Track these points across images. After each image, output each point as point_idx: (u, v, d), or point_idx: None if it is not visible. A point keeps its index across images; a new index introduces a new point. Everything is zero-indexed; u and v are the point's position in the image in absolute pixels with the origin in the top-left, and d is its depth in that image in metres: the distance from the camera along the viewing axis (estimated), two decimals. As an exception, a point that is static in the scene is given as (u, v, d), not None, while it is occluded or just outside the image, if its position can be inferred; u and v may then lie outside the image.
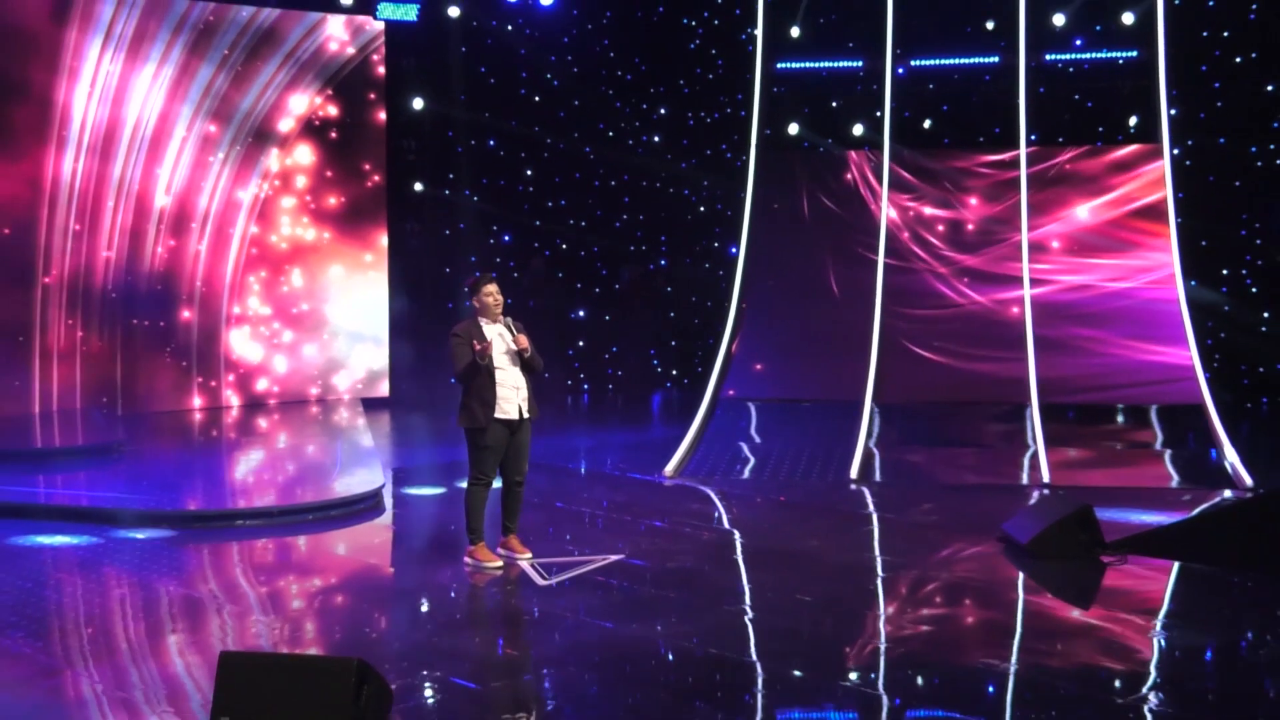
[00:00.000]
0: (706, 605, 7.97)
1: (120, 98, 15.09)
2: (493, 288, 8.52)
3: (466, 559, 8.67)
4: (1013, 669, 6.89)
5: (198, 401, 15.72)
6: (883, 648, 7.37)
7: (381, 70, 16.74)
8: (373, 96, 16.81)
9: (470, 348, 8.38)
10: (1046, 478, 12.07)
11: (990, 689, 6.66)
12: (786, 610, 8.00)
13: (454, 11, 16.43)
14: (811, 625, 7.80)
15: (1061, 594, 8.62)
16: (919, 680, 6.77)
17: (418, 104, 16.89)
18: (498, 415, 8.43)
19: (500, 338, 8.49)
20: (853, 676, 6.75)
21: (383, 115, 16.93)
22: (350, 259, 16.48)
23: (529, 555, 8.82)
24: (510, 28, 16.82)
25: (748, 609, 8.15)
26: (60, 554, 9.55)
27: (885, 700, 6.45)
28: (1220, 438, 12.79)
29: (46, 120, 14.61)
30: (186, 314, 15.64)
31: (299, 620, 8.01)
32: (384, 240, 16.75)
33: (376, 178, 16.85)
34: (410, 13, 15.90)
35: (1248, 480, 11.57)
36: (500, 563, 8.65)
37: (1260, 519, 10.88)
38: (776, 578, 8.92)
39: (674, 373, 17.39)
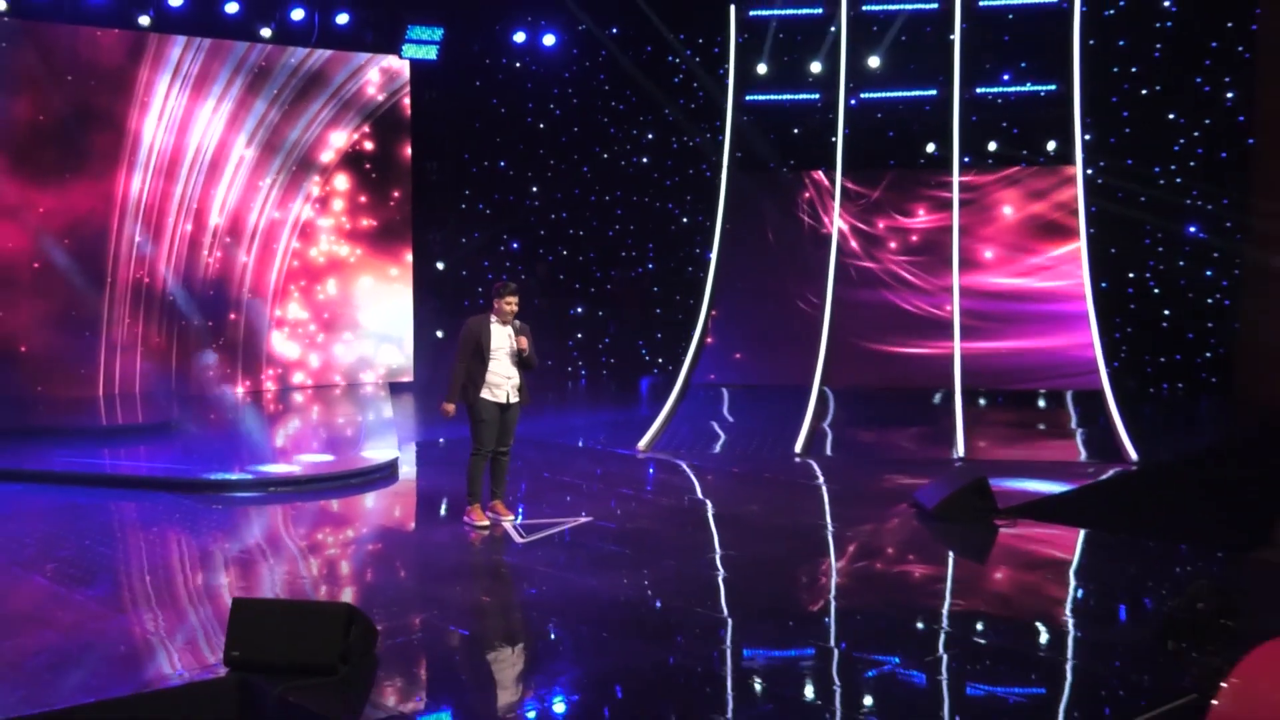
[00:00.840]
0: (655, 560, 8.25)
1: (185, 127, 15.26)
2: (513, 299, 8.70)
3: (465, 519, 8.94)
4: (911, 613, 7.13)
5: (240, 390, 15.74)
6: (801, 595, 7.69)
7: (409, 111, 16.72)
8: (402, 134, 16.83)
9: (475, 341, 8.65)
10: (961, 452, 12.17)
11: (888, 629, 6.87)
12: (722, 564, 8.32)
13: (469, 51, 16.54)
14: (741, 576, 7.97)
15: (958, 552, 8.78)
16: (828, 622, 7.11)
17: (438, 131, 16.91)
18: (484, 395, 8.65)
19: (508, 338, 8.68)
20: (772, 620, 6.99)
21: (410, 150, 16.89)
22: (379, 272, 16.64)
23: (512, 517, 9.13)
24: (518, 64, 16.91)
25: (690, 563, 8.25)
26: (119, 516, 9.65)
27: (797, 637, 6.80)
28: (1114, 419, 12.80)
29: (120, 145, 14.83)
30: (233, 316, 15.76)
31: (310, 571, 8.23)
32: (409, 257, 16.83)
33: (404, 205, 16.90)
34: (431, 52, 16.04)
35: (1133, 455, 11.73)
36: (487, 523, 8.90)
37: (1139, 489, 11.34)
38: (717, 536, 9.15)
39: (660, 361, 17.44)
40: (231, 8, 14.33)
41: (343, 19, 15.13)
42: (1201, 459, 12.90)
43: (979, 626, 6.91)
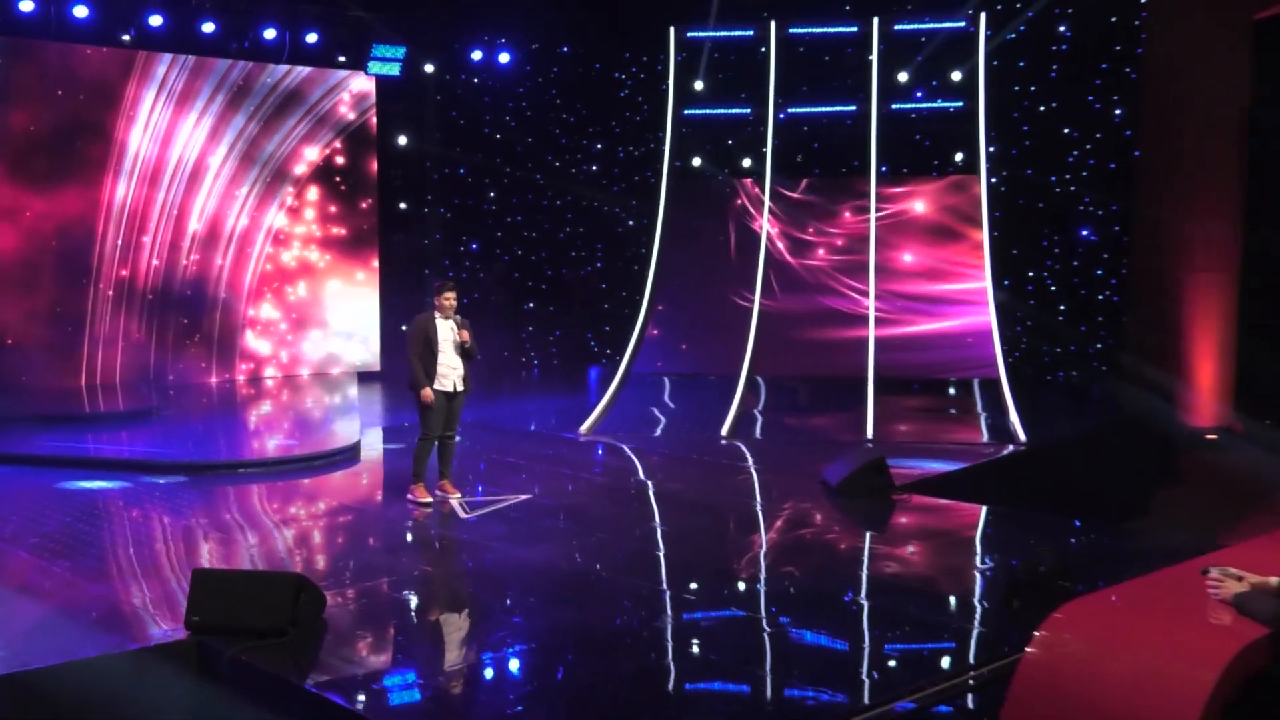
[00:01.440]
0: (586, 532, 8.41)
1: (168, 138, 15.17)
2: (451, 295, 8.77)
3: (408, 496, 9.01)
4: (802, 578, 7.36)
5: (214, 380, 15.63)
6: (712, 563, 7.79)
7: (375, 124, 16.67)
8: (371, 148, 16.74)
9: (423, 335, 8.73)
10: (870, 434, 12.28)
11: (790, 591, 7.12)
12: (645, 536, 8.50)
13: (429, 68, 16.48)
14: (662, 547, 8.23)
15: (855, 524, 9.00)
16: (740, 586, 7.33)
17: (402, 141, 16.91)
18: (436, 386, 8.73)
19: (451, 330, 8.74)
20: (691, 585, 7.20)
21: (388, 173, 16.88)
22: (347, 275, 16.58)
23: (459, 495, 9.16)
24: (476, 80, 16.90)
25: (617, 536, 8.35)
26: (99, 495, 9.55)
27: (709, 600, 7.01)
28: (1008, 405, 12.99)
29: (108, 154, 14.74)
30: (211, 314, 15.71)
31: (269, 544, 8.25)
32: (375, 263, 16.75)
33: (371, 215, 16.82)
34: (395, 69, 16.02)
35: (1022, 437, 11.94)
36: (431, 500, 8.96)
37: (1027, 467, 11.61)
38: (643, 511, 9.37)
39: (608, 352, 17.36)
40: (208, 27, 14.30)
41: (312, 38, 15.09)
42: (1087, 439, 13.16)
43: (863, 589, 7.15)
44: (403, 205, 17.04)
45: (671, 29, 15.98)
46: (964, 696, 5.21)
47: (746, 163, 16.35)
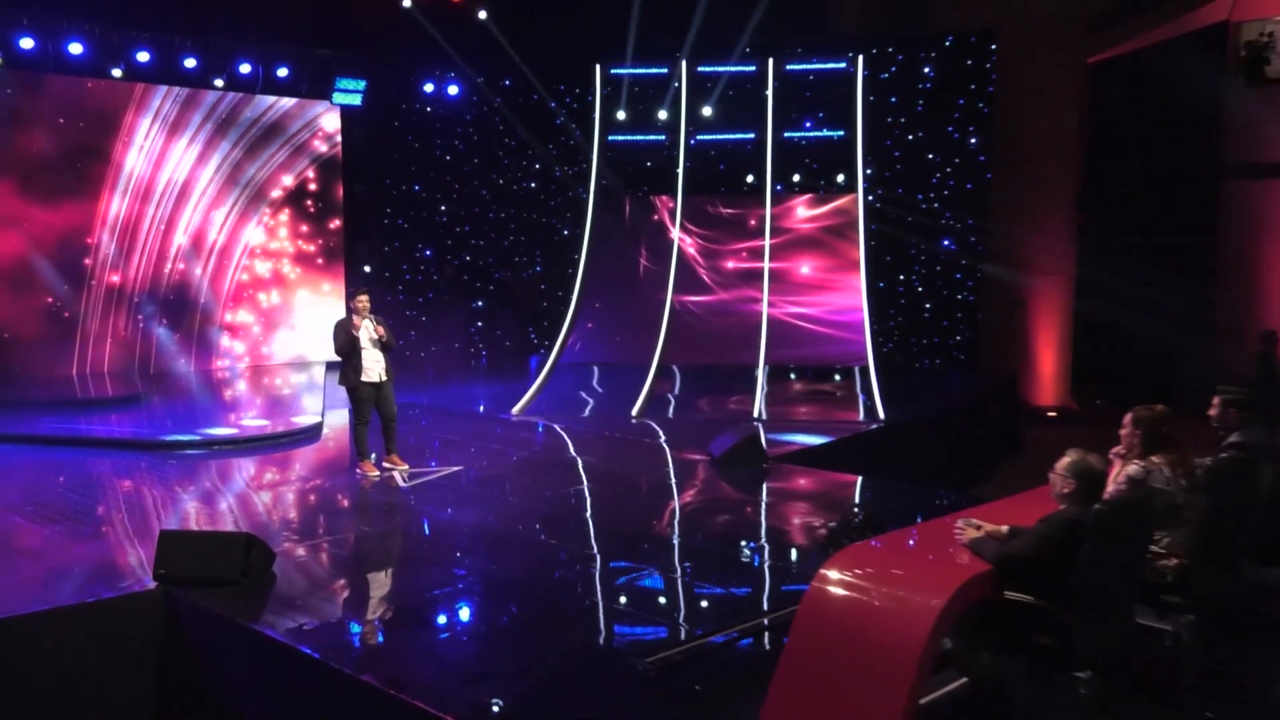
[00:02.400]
0: (503, 498, 8.58)
1: (160, 161, 15.01)
2: (364, 298, 8.94)
3: (357, 470, 9.20)
4: (679, 531, 7.78)
5: (192, 371, 15.45)
6: (610, 521, 8.07)
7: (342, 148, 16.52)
8: (340, 176, 16.60)
9: (346, 335, 8.84)
10: (757, 413, 12.39)
11: (675, 545, 7.44)
12: (555, 499, 8.64)
13: (389, 98, 16.43)
14: (574, 509, 8.51)
15: (731, 487, 9.18)
16: (626, 539, 7.54)
17: (364, 161, 16.71)
18: (364, 378, 8.86)
19: (369, 329, 8.87)
20: (594, 544, 7.46)
21: (352, 189, 16.69)
22: (314, 286, 16.50)
23: (405, 467, 9.26)
24: (429, 108, 16.77)
25: (529, 500, 8.53)
26: (90, 469, 9.57)
27: (597, 550, 7.35)
28: (874, 388, 13.09)
29: (105, 173, 14.59)
30: (191, 315, 15.58)
31: (231, 509, 8.30)
32: (341, 275, 16.61)
33: (339, 235, 16.69)
34: (356, 99, 15.85)
35: (882, 415, 12.10)
36: (377, 473, 9.09)
37: (885, 440, 11.95)
38: (556, 479, 9.37)
39: (545, 344, 16.95)
40: (190, 62, 14.14)
41: (283, 72, 14.97)
42: (942, 417, 13.40)
43: (725, 541, 7.47)
44: (365, 217, 16.90)
45: (597, 66, 16.06)
46: (777, 629, 5.50)
47: (662, 182, 16.47)
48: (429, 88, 16.54)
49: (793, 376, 15.61)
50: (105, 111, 14.58)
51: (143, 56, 13.79)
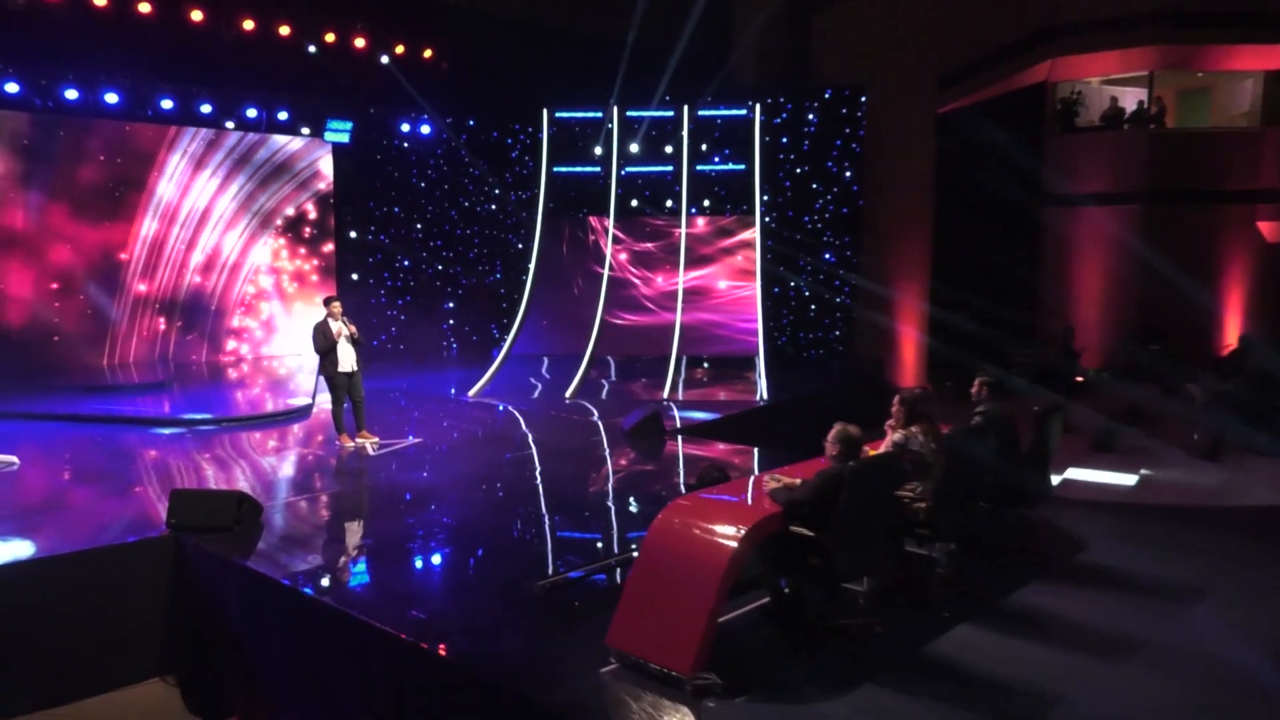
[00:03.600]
0: (452, 463, 9.00)
1: (186, 189, 15.00)
2: (336, 305, 9.34)
3: (335, 442, 9.57)
4: (589, 489, 8.28)
5: (205, 363, 15.39)
6: (532, 479, 8.57)
7: (333, 177, 16.50)
8: (335, 217, 16.59)
9: (323, 336, 9.18)
10: (667, 394, 12.74)
11: (580, 498, 7.92)
12: (497, 465, 9.05)
13: (372, 136, 16.53)
14: (507, 472, 8.85)
15: (633, 454, 9.64)
16: (544, 492, 8.11)
17: (352, 188, 16.74)
18: (340, 369, 9.24)
19: (341, 328, 9.26)
20: (520, 498, 7.92)
21: (342, 210, 16.64)
22: (309, 299, 16.43)
23: (376, 440, 9.62)
24: (405, 144, 16.84)
25: (474, 465, 8.93)
26: (123, 442, 9.81)
27: (520, 502, 7.83)
28: (761, 374, 13.67)
29: (141, 201, 14.61)
30: (204, 318, 15.58)
31: (232, 472, 8.67)
32: (334, 285, 16.47)
33: (333, 256, 16.65)
34: (345, 137, 15.98)
35: (765, 396, 12.64)
36: (352, 445, 9.44)
37: (764, 416, 12.45)
38: (500, 449, 9.69)
39: (504, 338, 16.80)
40: (205, 108, 14.34)
41: (283, 115, 15.18)
42: (818, 396, 14.01)
43: (618, 495, 8.01)
44: (353, 234, 16.98)
45: (545, 110, 16.33)
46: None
47: (597, 206, 16.65)
48: (405, 127, 16.70)
49: (706, 365, 15.92)
50: (143, 150, 14.69)
51: (166, 104, 13.98)
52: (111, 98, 13.51)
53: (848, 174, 16.40)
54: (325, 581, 6.02)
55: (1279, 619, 5.47)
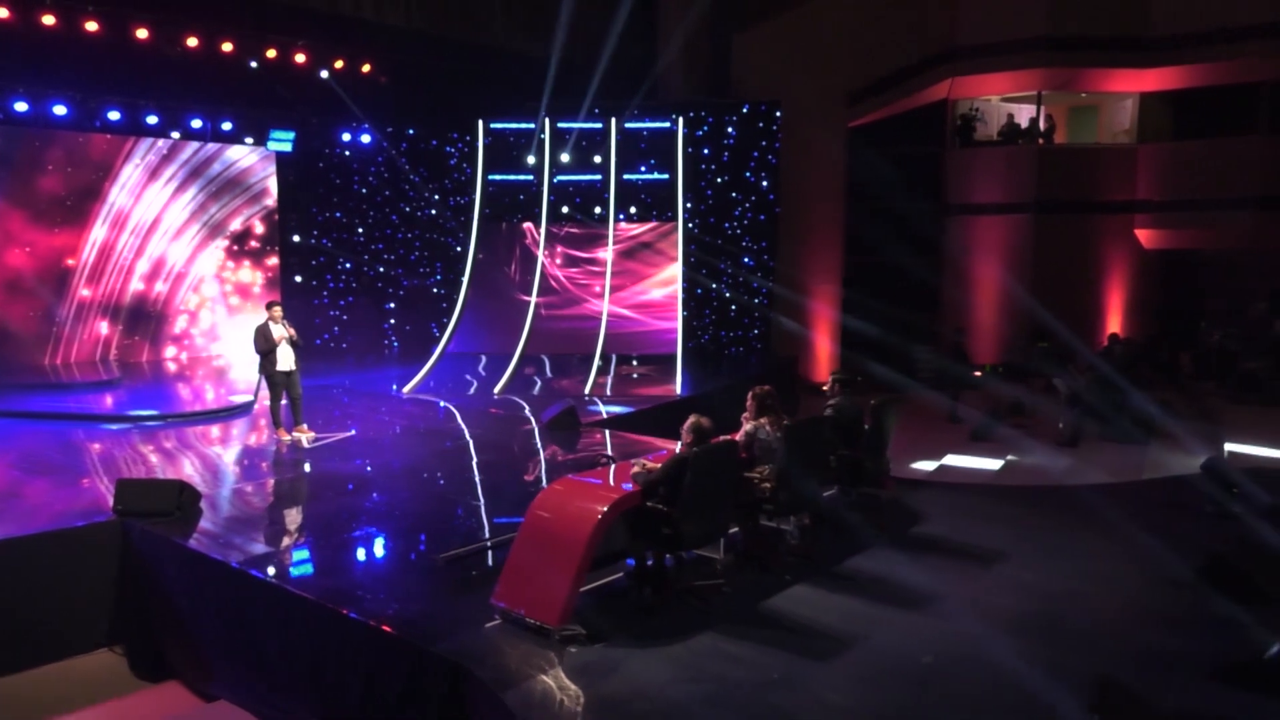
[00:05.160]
0: (383, 455, 9.49)
1: (137, 198, 15.24)
2: (277, 309, 9.85)
3: (274, 435, 10.07)
4: (505, 476, 8.85)
5: (147, 362, 15.60)
6: (452, 466, 9.07)
7: (277, 184, 16.81)
8: (285, 219, 16.87)
9: (264, 338, 9.74)
10: (588, 390, 13.26)
11: (491, 481, 8.53)
12: (424, 455, 9.53)
13: (313, 145, 16.89)
14: (432, 461, 9.30)
15: (548, 444, 10.06)
16: (461, 477, 8.62)
17: (295, 194, 17.13)
18: (279, 368, 9.77)
19: (282, 330, 9.76)
20: (439, 482, 8.49)
21: (285, 216, 16.92)
22: (256, 299, 16.74)
23: (311, 434, 10.09)
24: (348, 152, 17.23)
25: (400, 455, 9.46)
26: (68, 436, 10.15)
27: (439, 486, 8.29)
28: (678, 370, 14.28)
29: (95, 208, 14.86)
30: (147, 322, 15.83)
31: (173, 463, 9.10)
32: (278, 288, 16.91)
33: (276, 268, 16.96)
34: (288, 146, 16.32)
35: (679, 391, 13.19)
36: (289, 438, 9.94)
37: (678, 408, 12.95)
38: (429, 439, 10.23)
39: (445, 337, 17.81)
40: (152, 119, 14.63)
41: (227, 125, 15.50)
42: (736, 388, 14.78)
43: (525, 479, 8.61)
44: (295, 238, 17.29)
45: (480, 121, 16.86)
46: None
47: (530, 212, 17.20)
48: (346, 137, 17.10)
49: (635, 363, 16.51)
50: (101, 159, 14.94)
51: (114, 115, 14.24)
52: (60, 109, 13.81)
53: (764, 183, 17.22)
54: (256, 557, 6.71)
55: (1057, 576, 6.49)
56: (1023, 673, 4.88)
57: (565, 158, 17.01)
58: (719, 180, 17.29)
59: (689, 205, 16.93)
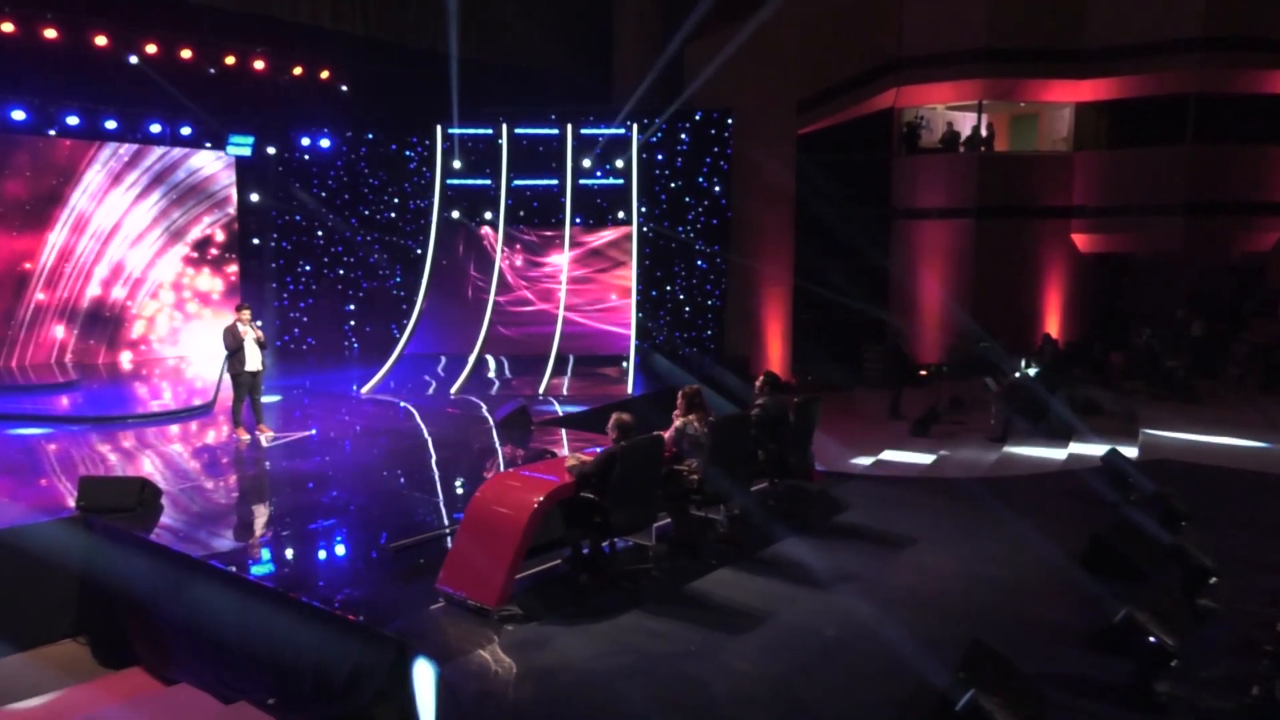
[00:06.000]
0: (341, 453, 9.89)
1: (99, 203, 15.34)
2: (246, 311, 10.23)
3: (234, 435, 10.51)
4: (461, 471, 9.20)
5: (103, 364, 15.70)
6: (405, 462, 9.45)
7: (236, 187, 16.97)
8: (247, 226, 17.04)
9: (233, 336, 10.12)
10: (542, 390, 13.71)
11: (446, 477, 8.92)
12: (381, 453, 9.94)
13: (272, 149, 17.08)
14: (389, 458, 9.71)
15: (503, 442, 10.45)
16: (413, 472, 9.03)
17: (254, 197, 17.32)
18: (245, 368, 10.16)
19: (249, 331, 10.14)
20: (395, 477, 8.91)
21: (245, 219, 17.08)
22: (216, 303, 16.99)
23: (271, 434, 10.50)
24: (307, 156, 17.45)
25: (359, 452, 9.86)
26: (29, 437, 10.46)
27: (393, 480, 8.75)
28: (631, 369, 14.81)
29: (56, 213, 15.00)
30: (106, 328, 15.95)
31: (134, 461, 9.40)
32: (237, 291, 16.95)
33: (235, 276, 17.12)
34: (247, 150, 16.60)
35: (631, 390, 13.73)
36: (248, 437, 10.30)
37: (633, 408, 13.62)
38: (388, 440, 10.55)
39: (403, 338, 17.72)
40: (111, 124, 14.89)
41: (186, 130, 15.78)
42: (676, 387, 15.12)
43: (477, 474, 9.02)
44: (255, 240, 17.51)
45: (439, 126, 17.16)
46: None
47: (488, 215, 17.55)
48: (305, 141, 17.39)
49: (589, 363, 16.90)
50: (64, 165, 15.09)
51: (72, 120, 14.46)
52: (19, 114, 14.02)
53: (717, 188, 17.69)
54: (215, 549, 7.15)
55: (959, 558, 7.12)
56: (911, 643, 5.49)
57: (522, 163, 17.39)
58: (673, 185, 17.68)
59: (644, 210, 17.32)
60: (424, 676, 5.38)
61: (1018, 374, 12.89)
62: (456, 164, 17.28)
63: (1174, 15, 16.69)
